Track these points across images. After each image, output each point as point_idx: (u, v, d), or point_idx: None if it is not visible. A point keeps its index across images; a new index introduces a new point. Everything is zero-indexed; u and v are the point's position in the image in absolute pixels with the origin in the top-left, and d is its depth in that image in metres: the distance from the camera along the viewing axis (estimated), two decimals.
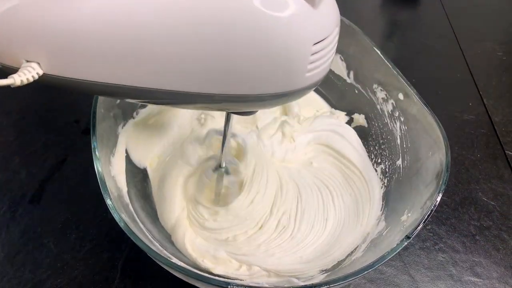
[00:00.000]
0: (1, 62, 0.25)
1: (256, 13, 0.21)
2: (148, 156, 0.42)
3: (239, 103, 0.25)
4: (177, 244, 0.36)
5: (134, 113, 0.43)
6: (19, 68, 0.24)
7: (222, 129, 0.33)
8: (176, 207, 0.38)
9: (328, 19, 0.23)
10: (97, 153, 0.31)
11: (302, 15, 0.21)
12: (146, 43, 0.22)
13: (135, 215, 0.35)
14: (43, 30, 0.22)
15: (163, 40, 0.22)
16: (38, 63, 0.24)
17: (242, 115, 0.29)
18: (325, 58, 0.23)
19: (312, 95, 0.50)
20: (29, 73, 0.23)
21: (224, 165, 0.37)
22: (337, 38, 0.24)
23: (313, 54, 0.22)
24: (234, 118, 0.32)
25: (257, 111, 0.29)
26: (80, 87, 0.24)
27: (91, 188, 0.42)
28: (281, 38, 0.21)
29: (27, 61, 0.24)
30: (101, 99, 0.35)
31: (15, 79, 0.23)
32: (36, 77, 0.24)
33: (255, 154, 0.41)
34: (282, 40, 0.21)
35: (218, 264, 0.35)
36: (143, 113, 0.43)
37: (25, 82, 0.23)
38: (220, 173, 0.38)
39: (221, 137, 0.36)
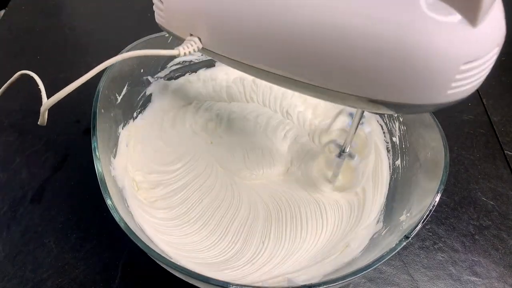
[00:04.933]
0: (172, 31, 0.30)
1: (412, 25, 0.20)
2: None
3: (378, 106, 0.24)
4: None
5: (134, 113, 0.43)
6: (184, 39, 0.28)
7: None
8: None
9: (487, 39, 0.21)
10: (97, 153, 0.32)
11: (455, 33, 0.20)
12: (296, 38, 0.23)
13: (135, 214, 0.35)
14: (210, 10, 0.26)
15: (314, 39, 0.23)
16: (199, 38, 0.28)
17: (377, 114, 0.31)
18: (475, 77, 0.22)
19: None
20: (191, 46, 0.28)
21: (347, 150, 0.38)
22: (495, 57, 0.22)
23: (460, 73, 0.21)
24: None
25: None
26: (227, 61, 0.28)
27: (91, 188, 0.42)
28: (430, 51, 0.20)
29: (191, 35, 0.28)
30: (100, 99, 0.35)
31: (180, 51, 0.28)
32: (197, 50, 0.28)
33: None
34: (431, 54, 0.20)
35: None
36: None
37: (187, 54, 0.28)
38: (343, 158, 0.38)
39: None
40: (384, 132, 0.42)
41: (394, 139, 0.41)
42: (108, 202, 0.29)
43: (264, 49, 0.25)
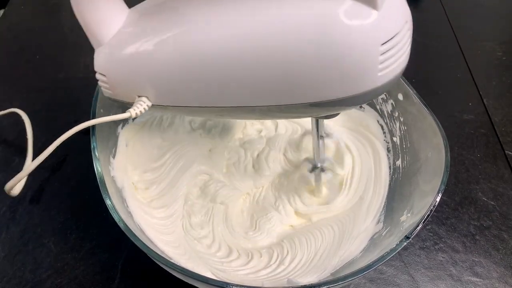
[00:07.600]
0: (121, 99, 0.32)
1: (326, 22, 0.22)
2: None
3: (322, 108, 0.26)
4: None
5: None
6: (133, 103, 0.30)
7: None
8: None
9: (394, 17, 0.23)
10: (96, 153, 0.32)
11: (363, 19, 0.21)
12: (236, 70, 0.25)
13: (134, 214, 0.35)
14: (152, 73, 0.28)
15: (248, 66, 0.24)
16: (147, 97, 0.29)
17: (327, 118, 0.31)
18: (398, 55, 0.23)
19: None
20: (141, 106, 0.29)
21: (319, 165, 0.39)
22: (409, 32, 0.24)
23: (382, 54, 0.22)
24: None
25: (340, 112, 0.30)
26: (177, 110, 0.31)
27: (91, 188, 0.42)
28: (346, 44, 0.22)
29: (139, 96, 0.30)
30: (100, 99, 0.35)
31: (131, 113, 0.29)
32: (147, 108, 0.30)
33: (353, 154, 0.42)
34: (348, 46, 0.22)
35: None
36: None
37: (139, 114, 0.29)
38: (317, 172, 0.39)
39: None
40: (384, 132, 0.42)
41: (394, 139, 0.41)
42: (108, 202, 0.29)
43: (207, 87, 0.27)
